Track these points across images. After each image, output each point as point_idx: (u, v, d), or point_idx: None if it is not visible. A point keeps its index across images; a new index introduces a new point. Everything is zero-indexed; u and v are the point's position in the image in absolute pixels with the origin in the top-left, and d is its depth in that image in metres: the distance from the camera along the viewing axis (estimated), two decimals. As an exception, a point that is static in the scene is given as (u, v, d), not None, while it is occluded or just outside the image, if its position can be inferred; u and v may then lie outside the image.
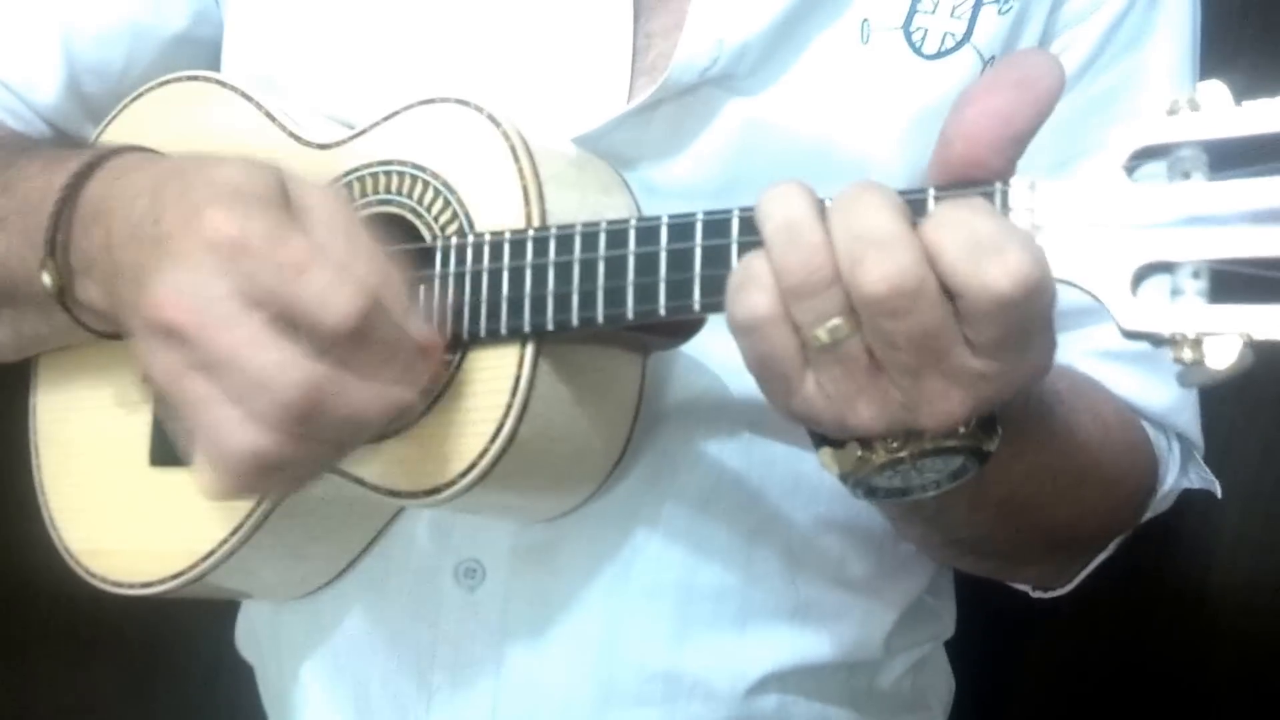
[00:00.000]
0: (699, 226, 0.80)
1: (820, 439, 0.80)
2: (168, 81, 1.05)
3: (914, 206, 0.72)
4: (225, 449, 0.76)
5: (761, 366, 0.75)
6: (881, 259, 0.68)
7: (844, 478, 0.80)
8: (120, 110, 1.07)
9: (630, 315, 0.82)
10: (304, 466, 0.79)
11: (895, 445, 0.77)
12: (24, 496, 1.07)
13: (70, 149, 0.96)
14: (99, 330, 0.94)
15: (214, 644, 1.22)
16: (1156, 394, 1.02)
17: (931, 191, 0.73)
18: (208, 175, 0.80)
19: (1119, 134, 0.71)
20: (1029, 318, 0.69)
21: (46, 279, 0.90)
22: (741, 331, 0.74)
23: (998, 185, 0.72)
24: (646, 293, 0.81)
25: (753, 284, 0.72)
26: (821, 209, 0.72)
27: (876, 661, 1.10)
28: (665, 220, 0.81)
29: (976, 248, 0.68)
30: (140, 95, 1.06)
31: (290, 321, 0.75)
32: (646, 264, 0.81)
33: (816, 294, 0.70)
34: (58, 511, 1.05)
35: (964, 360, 0.70)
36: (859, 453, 0.79)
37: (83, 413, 1.05)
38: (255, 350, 0.75)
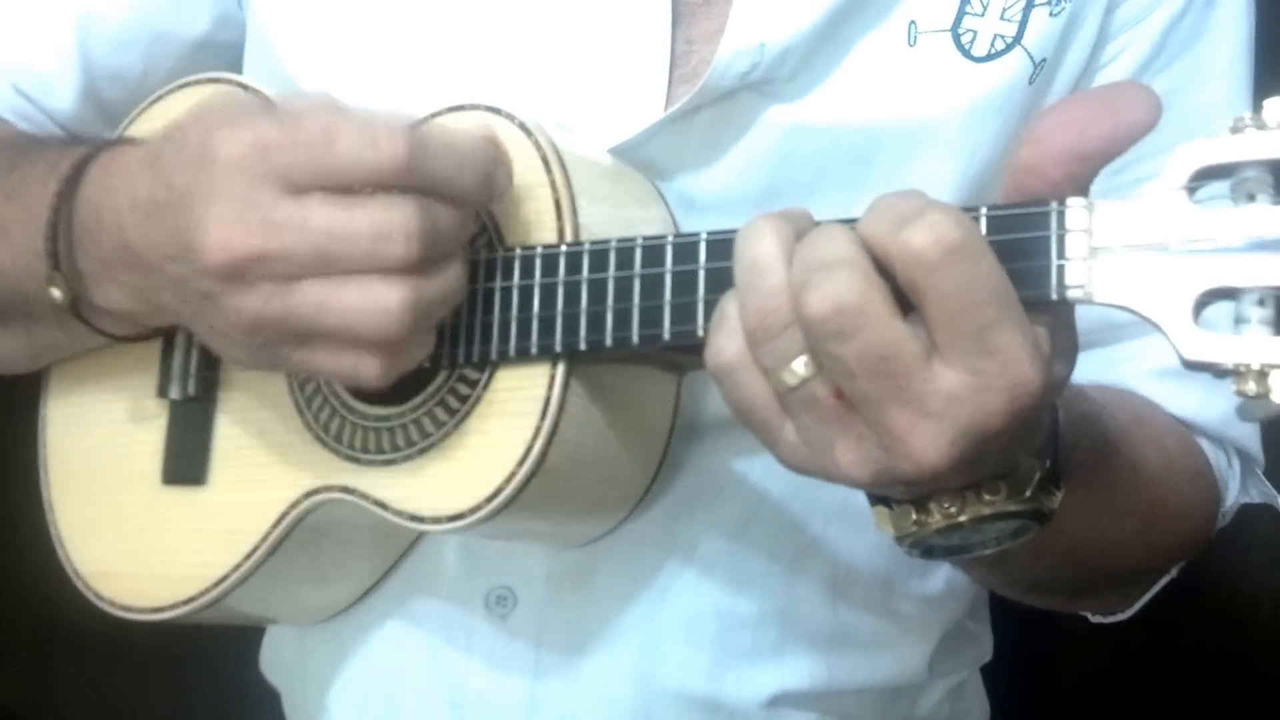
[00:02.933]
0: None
1: (874, 497, 0.77)
2: (188, 84, 1.01)
3: None
4: (381, 316, 0.77)
5: (741, 414, 0.72)
6: (823, 280, 0.66)
7: (899, 539, 0.76)
8: (138, 114, 1.03)
9: (667, 336, 0.79)
10: (451, 285, 0.81)
11: (952, 510, 0.73)
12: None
13: (65, 149, 0.93)
14: (118, 334, 0.92)
15: (241, 658, 1.20)
16: (1213, 407, 0.99)
17: None
18: (194, 122, 0.81)
19: (1181, 153, 0.68)
20: (966, 294, 0.65)
21: (57, 294, 0.88)
22: (716, 378, 0.72)
23: (1053, 205, 0.69)
24: (684, 312, 0.78)
25: (722, 328, 0.71)
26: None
27: (917, 686, 1.07)
28: (704, 237, 0.78)
29: (898, 218, 0.66)
30: (160, 98, 1.02)
31: (349, 187, 0.76)
32: (684, 282, 0.78)
33: (775, 336, 0.68)
34: (66, 530, 1.01)
35: (926, 384, 0.66)
36: (914, 516, 0.75)
37: (93, 427, 1.01)
38: (348, 217, 0.76)
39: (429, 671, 1.02)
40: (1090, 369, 0.97)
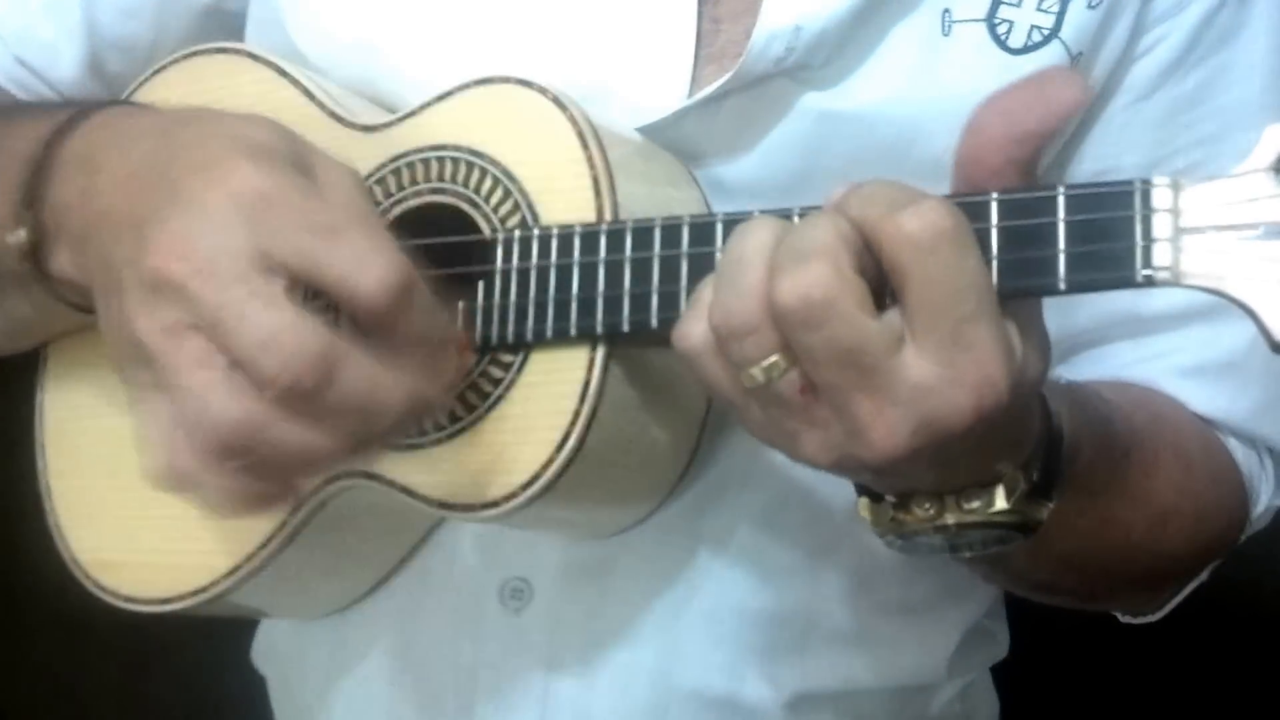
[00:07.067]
0: (796, 221, 0.74)
1: (861, 486, 0.77)
2: (194, 53, 0.97)
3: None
4: (206, 417, 0.69)
5: (709, 392, 0.73)
6: (794, 269, 0.66)
7: (879, 534, 0.77)
8: (141, 83, 0.98)
9: None
10: (300, 456, 0.72)
11: (932, 511, 0.74)
12: (14, 484, 1.01)
13: (62, 103, 0.89)
14: (76, 303, 0.86)
15: (214, 642, 1.16)
16: (1242, 404, 0.98)
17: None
18: (228, 128, 0.76)
19: (1270, 134, 0.66)
20: (949, 282, 0.66)
21: (22, 233, 0.82)
22: (681, 359, 0.72)
23: (1137, 183, 0.67)
24: None
25: (693, 310, 0.71)
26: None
27: (933, 685, 1.06)
28: (757, 215, 0.75)
29: (892, 202, 0.67)
30: (164, 68, 0.98)
31: (315, 288, 0.71)
32: None
33: (741, 338, 0.68)
34: (65, 518, 0.97)
35: (894, 373, 0.66)
36: (892, 513, 0.76)
37: (95, 410, 0.97)
38: (267, 309, 0.69)
39: (436, 668, 0.99)
40: (1114, 365, 0.97)
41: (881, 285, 0.68)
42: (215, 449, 0.70)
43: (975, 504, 0.74)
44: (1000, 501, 0.74)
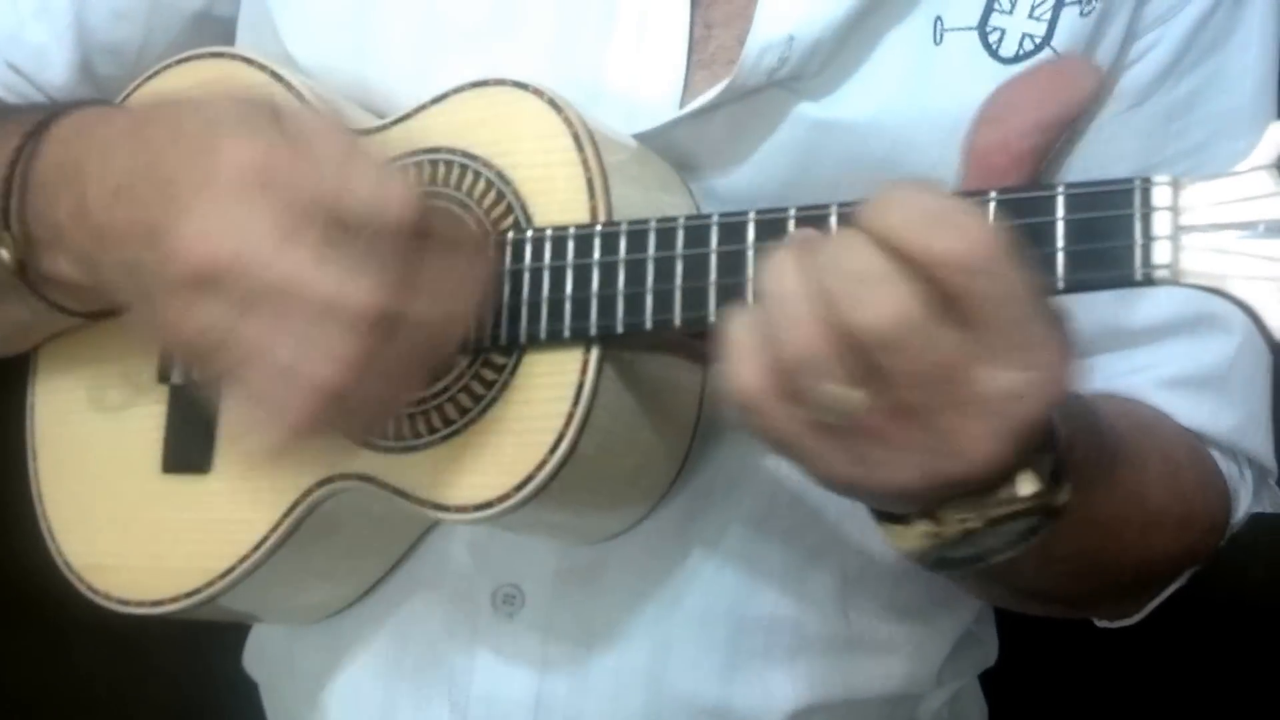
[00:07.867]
0: (791, 223, 0.74)
1: (878, 513, 0.75)
2: (188, 58, 0.97)
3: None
4: (304, 383, 0.71)
5: (776, 446, 0.70)
6: (870, 297, 0.65)
7: (915, 555, 0.75)
8: (135, 88, 0.98)
9: (712, 318, 0.76)
10: (390, 388, 0.75)
11: (965, 517, 0.72)
12: (6, 486, 1.01)
13: (26, 107, 0.89)
14: (75, 310, 0.87)
15: (208, 646, 1.15)
16: (1224, 418, 0.98)
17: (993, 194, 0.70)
18: (199, 112, 0.76)
19: (1272, 132, 0.66)
20: (1008, 293, 0.65)
21: (3, 253, 0.83)
22: (745, 411, 0.69)
23: (1137, 182, 0.67)
24: (730, 294, 0.75)
25: (747, 359, 0.68)
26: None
27: (923, 693, 1.06)
28: (752, 216, 0.75)
29: (926, 218, 0.65)
30: (157, 73, 0.97)
31: (344, 230, 0.71)
32: (731, 263, 0.76)
33: (815, 373, 0.66)
34: (56, 521, 0.96)
35: (982, 385, 0.65)
36: (924, 527, 0.73)
37: (87, 415, 0.96)
38: (317, 268, 0.70)
39: (429, 672, 0.99)
40: (1100, 377, 0.96)
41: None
42: (315, 408, 0.72)
43: (1003, 494, 0.72)
44: (1029, 486, 0.72)
